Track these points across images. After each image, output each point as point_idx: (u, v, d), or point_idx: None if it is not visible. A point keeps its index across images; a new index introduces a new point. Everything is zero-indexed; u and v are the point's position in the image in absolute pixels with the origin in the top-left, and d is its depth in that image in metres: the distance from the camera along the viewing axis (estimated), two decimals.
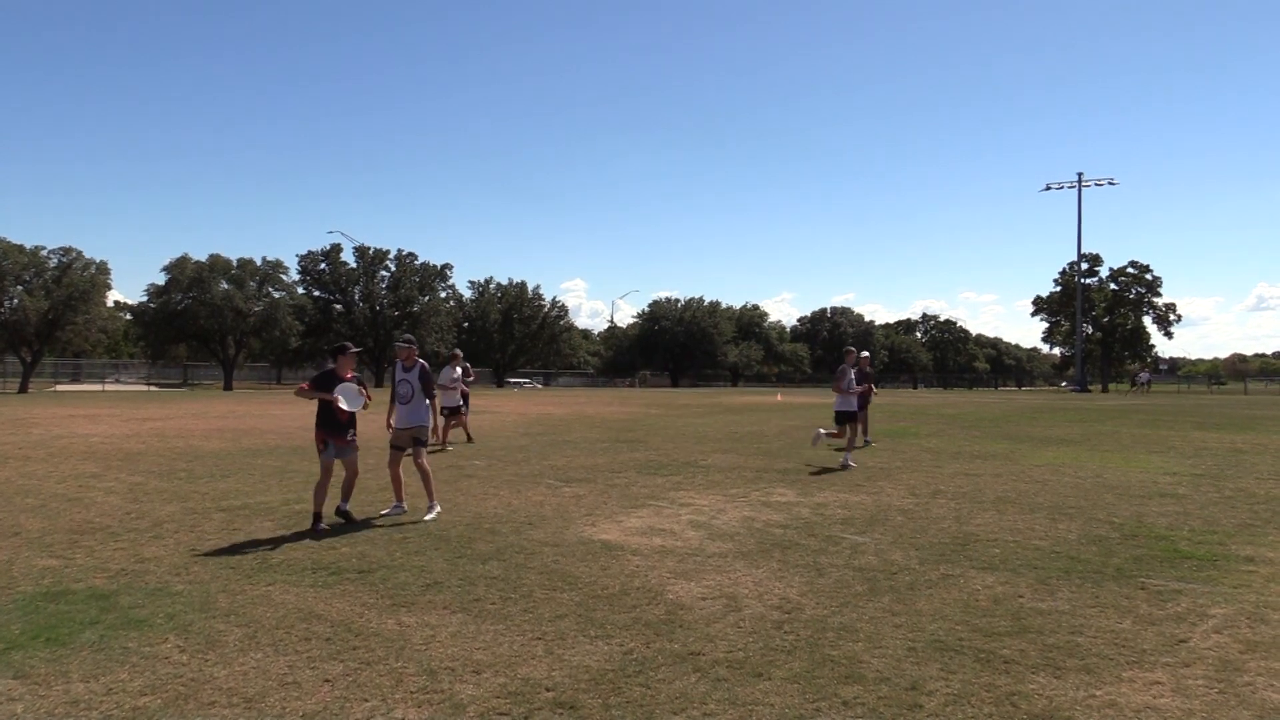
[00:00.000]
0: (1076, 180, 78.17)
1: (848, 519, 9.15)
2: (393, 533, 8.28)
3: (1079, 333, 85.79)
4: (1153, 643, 5.13)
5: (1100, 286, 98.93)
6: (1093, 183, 78.49)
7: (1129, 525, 8.83)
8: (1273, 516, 9.38)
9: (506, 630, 5.32)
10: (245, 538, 8.02)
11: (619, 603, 5.93)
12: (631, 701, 4.21)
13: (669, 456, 15.19)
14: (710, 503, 10.12)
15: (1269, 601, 6.01)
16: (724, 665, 4.71)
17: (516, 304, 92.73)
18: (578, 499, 10.36)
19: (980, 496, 10.73)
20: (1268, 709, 4.16)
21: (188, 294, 66.80)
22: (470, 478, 12.09)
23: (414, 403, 9.31)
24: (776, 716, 4.05)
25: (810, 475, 12.69)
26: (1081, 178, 78.09)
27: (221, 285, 68.18)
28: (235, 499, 10.19)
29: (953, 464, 14.31)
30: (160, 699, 4.23)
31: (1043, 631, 5.33)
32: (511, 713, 4.09)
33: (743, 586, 6.37)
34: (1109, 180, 78.93)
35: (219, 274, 68.55)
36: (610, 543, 7.86)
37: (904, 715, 4.07)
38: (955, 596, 6.13)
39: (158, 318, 67.38)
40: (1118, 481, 12.04)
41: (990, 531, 8.48)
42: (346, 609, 5.76)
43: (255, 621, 5.46)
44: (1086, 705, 4.19)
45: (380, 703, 4.21)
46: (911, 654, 4.90)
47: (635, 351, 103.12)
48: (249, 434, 19.07)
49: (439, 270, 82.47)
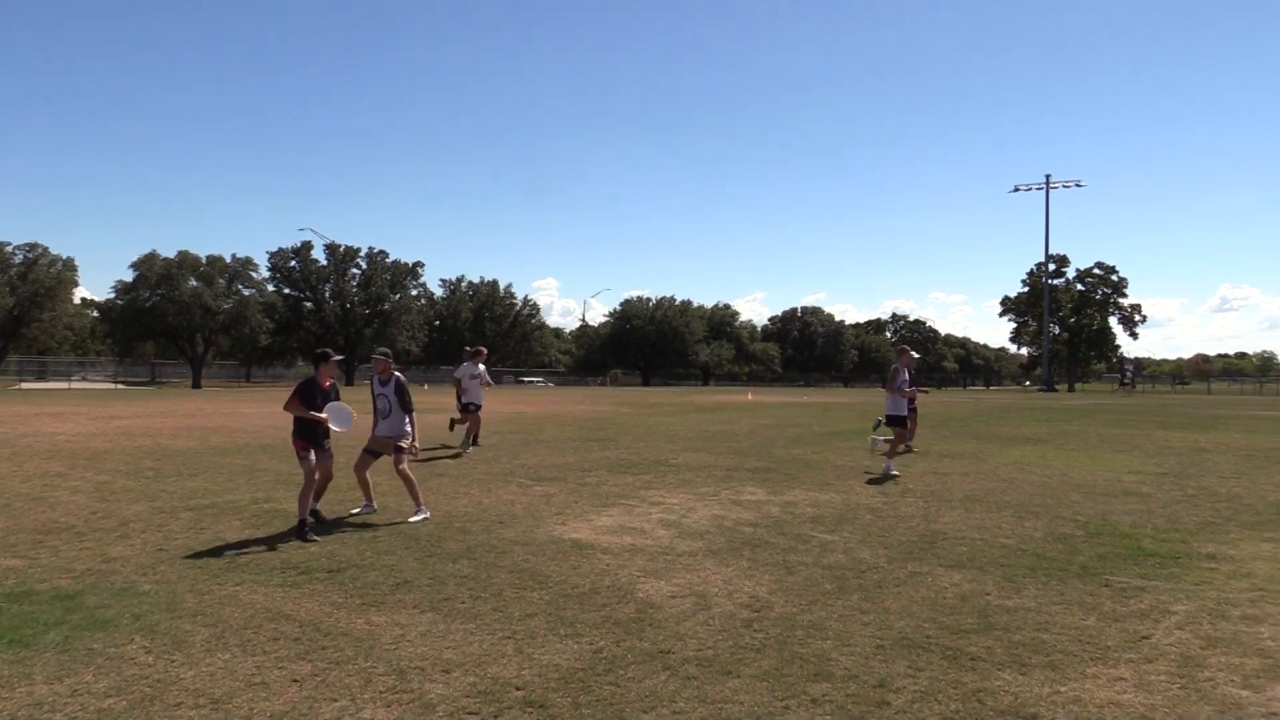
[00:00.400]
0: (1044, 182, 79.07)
1: (817, 517, 9.20)
2: (362, 532, 8.24)
3: (1046, 333, 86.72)
4: (1116, 639, 5.20)
5: (1067, 287, 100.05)
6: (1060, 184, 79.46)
7: (1094, 523, 8.94)
8: (1234, 514, 9.53)
9: (476, 629, 5.31)
10: (213, 537, 7.95)
11: (589, 601, 5.93)
12: (601, 700, 4.22)
13: (640, 455, 15.20)
14: (680, 501, 10.14)
15: (1230, 598, 6.11)
16: (694, 663, 4.73)
17: (488, 302, 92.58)
18: (548, 498, 10.35)
19: (948, 495, 10.82)
20: (1228, 704, 4.23)
21: (156, 291, 66.15)
22: (441, 476, 12.04)
23: (393, 416, 9.24)
24: (746, 714, 4.07)
25: (779, 474, 12.74)
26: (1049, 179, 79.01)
27: (190, 282, 67.61)
28: (203, 498, 10.10)
29: (921, 463, 14.41)
30: (126, 700, 4.19)
31: (1009, 629, 5.39)
32: (481, 712, 4.09)
33: (712, 585, 6.39)
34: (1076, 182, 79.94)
35: (188, 271, 67.95)
36: (581, 541, 7.86)
37: (872, 712, 4.10)
38: (923, 594, 6.18)
39: (125, 315, 66.68)
40: (1083, 480, 12.18)
41: (958, 530, 8.56)
42: (315, 609, 5.73)
43: (223, 621, 5.42)
44: (1051, 701, 4.24)
45: (349, 703, 4.19)
46: (879, 651, 4.94)
47: (607, 350, 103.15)
48: (217, 432, 18.90)
49: (410, 268, 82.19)
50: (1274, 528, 8.73)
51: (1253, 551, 7.63)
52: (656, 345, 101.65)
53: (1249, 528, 8.75)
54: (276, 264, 77.32)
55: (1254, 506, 10.05)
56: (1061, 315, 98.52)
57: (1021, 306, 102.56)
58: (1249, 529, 8.69)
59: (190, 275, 67.94)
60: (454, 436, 17.03)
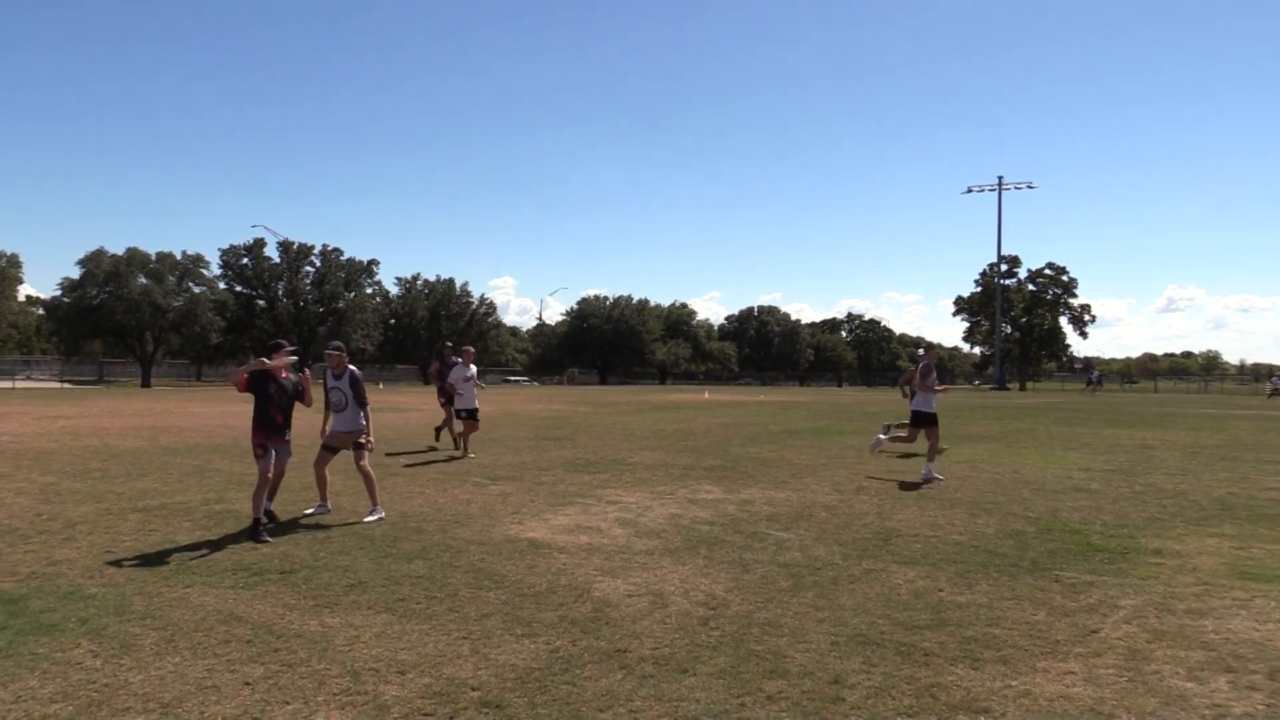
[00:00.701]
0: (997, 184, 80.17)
1: (773, 515, 9.25)
2: (316, 533, 8.15)
3: (998, 332, 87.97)
4: (1066, 633, 5.28)
5: (1019, 287, 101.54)
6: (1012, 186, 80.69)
7: (1044, 520, 9.07)
8: (1180, 510, 9.71)
9: (432, 630, 5.27)
10: (163, 539, 7.82)
11: (545, 601, 5.91)
12: (558, 699, 4.21)
13: (596, 454, 15.19)
14: (637, 500, 10.15)
15: (1175, 593, 6.23)
16: (650, 662, 4.73)
17: (444, 301, 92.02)
18: (504, 497, 10.31)
19: (902, 493, 10.93)
20: (1173, 696, 4.31)
21: (104, 288, 64.98)
22: (396, 476, 11.95)
23: (348, 410, 9.15)
24: (702, 712, 4.08)
25: (736, 473, 12.79)
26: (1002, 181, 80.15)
27: (139, 280, 66.49)
28: (152, 499, 9.93)
29: (876, 461, 14.55)
30: (72, 706, 4.11)
31: (961, 624, 5.45)
32: (436, 713, 4.06)
33: (669, 583, 6.40)
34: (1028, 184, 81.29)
35: (136, 268, 66.80)
36: (537, 541, 7.83)
37: (827, 709, 4.13)
38: (877, 591, 6.24)
39: (72, 313, 65.42)
40: (1034, 477, 12.36)
41: (911, 527, 8.65)
42: (268, 610, 5.65)
43: (173, 624, 5.33)
44: (1003, 695, 4.30)
45: (302, 705, 4.14)
46: (834, 648, 4.97)
47: (564, 349, 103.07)
48: (167, 432, 18.60)
49: (365, 266, 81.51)
50: (1218, 523, 8.92)
51: (1197, 547, 7.79)
52: (613, 344, 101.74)
53: (1194, 523, 8.93)
54: (228, 261, 76.29)
55: (1199, 503, 10.26)
56: (1013, 315, 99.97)
57: (974, 306, 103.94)
58: (1194, 525, 8.87)
59: (139, 272, 66.79)
60: (442, 445, 16.32)
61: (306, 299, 77.52)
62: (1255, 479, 12.44)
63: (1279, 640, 5.16)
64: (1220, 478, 12.56)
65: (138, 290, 64.82)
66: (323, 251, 79.22)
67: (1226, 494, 10.91)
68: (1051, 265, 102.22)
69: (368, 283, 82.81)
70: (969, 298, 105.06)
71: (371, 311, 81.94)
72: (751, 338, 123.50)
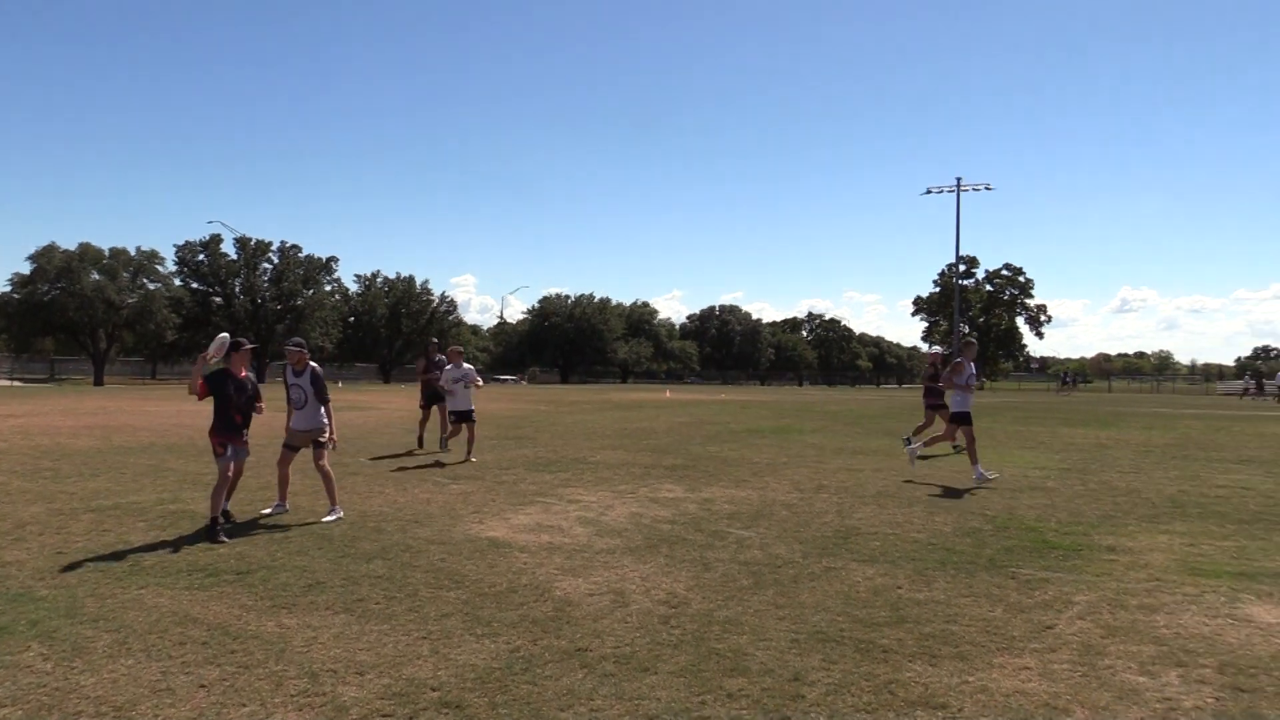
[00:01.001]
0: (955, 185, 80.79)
1: (734, 514, 9.28)
2: (274, 533, 8.06)
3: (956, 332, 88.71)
4: (1022, 629, 5.35)
5: (977, 288, 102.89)
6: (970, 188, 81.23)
7: (1001, 517, 9.18)
8: (1132, 508, 9.87)
9: (391, 630, 5.23)
10: (116, 539, 7.70)
11: (506, 600, 5.89)
12: (518, 699, 4.20)
13: (558, 453, 15.16)
14: (599, 499, 10.14)
15: (1128, 588, 6.33)
16: (611, 660, 4.73)
17: (404, 298, 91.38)
18: (465, 496, 10.26)
19: (861, 491, 11.01)
20: (1126, 690, 4.38)
21: (55, 284, 63.76)
22: (355, 475, 11.84)
23: (308, 407, 9.06)
24: (663, 710, 4.09)
25: (697, 471, 12.82)
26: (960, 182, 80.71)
27: (92, 276, 65.31)
28: (105, 499, 9.77)
29: (836, 459, 14.65)
30: (22, 710, 4.03)
31: (919, 621, 5.50)
32: (396, 714, 4.03)
33: (630, 582, 6.41)
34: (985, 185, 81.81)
35: (89, 264, 65.61)
36: (498, 540, 7.80)
37: (787, 706, 4.15)
38: (837, 588, 6.28)
39: (22, 309, 64.08)
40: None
41: (871, 525, 8.72)
42: (224, 612, 5.58)
43: (126, 627, 5.25)
44: (960, 691, 4.35)
45: (259, 707, 4.09)
46: (794, 645, 5.00)
47: (525, 347, 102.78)
48: (121, 431, 18.29)
49: (324, 263, 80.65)
50: (1169, 520, 9.08)
51: (1149, 543, 7.92)
52: (575, 342, 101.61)
53: (1146, 520, 9.08)
54: (184, 257, 75.11)
55: (1151, 500, 10.43)
56: (971, 315, 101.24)
57: (933, 306, 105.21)
58: (1146, 522, 9.01)
59: (92, 268, 65.60)
60: (426, 449, 15.55)
61: (264, 296, 76.55)
62: (1205, 477, 12.67)
63: (1228, 634, 5.27)
64: (1172, 476, 12.78)
65: (90, 286, 63.68)
66: (281, 248, 78.26)
67: (1178, 491, 11.10)
68: (1009, 266, 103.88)
69: (327, 280, 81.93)
70: (928, 298, 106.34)
71: (330, 309, 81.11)
72: (713, 337, 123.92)
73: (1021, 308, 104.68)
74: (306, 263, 79.30)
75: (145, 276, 69.56)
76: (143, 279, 69.31)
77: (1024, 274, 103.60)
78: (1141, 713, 4.12)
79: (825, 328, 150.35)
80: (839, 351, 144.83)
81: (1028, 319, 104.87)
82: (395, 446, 15.96)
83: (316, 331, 75.83)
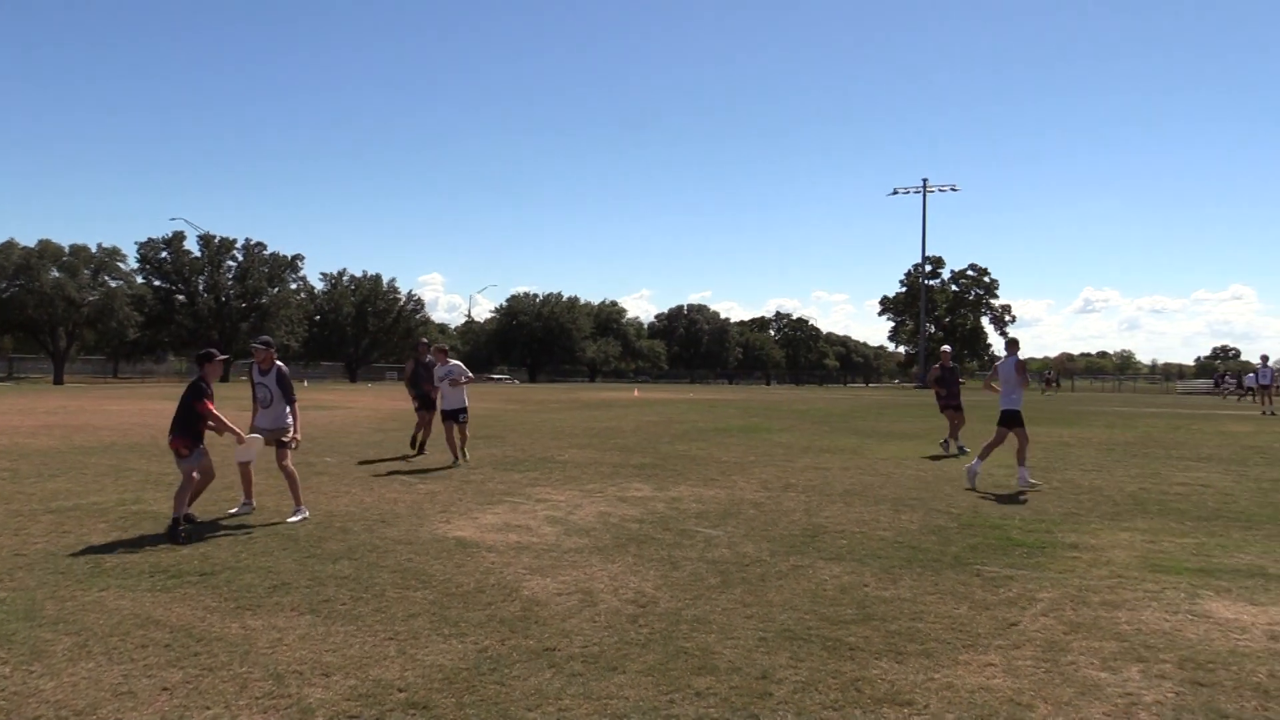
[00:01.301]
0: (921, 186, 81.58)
1: (702, 513, 9.30)
2: (238, 533, 7.98)
3: (922, 332, 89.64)
4: (986, 626, 5.40)
5: (942, 288, 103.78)
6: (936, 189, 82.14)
7: (966, 515, 9.27)
8: (1095, 506, 9.99)
9: (358, 631, 5.20)
10: (76, 540, 7.59)
11: (474, 600, 5.87)
12: (486, 700, 4.18)
13: (526, 452, 15.13)
14: (567, 498, 10.13)
15: (1090, 585, 6.41)
16: (579, 660, 4.72)
17: (371, 297, 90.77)
18: (433, 496, 10.21)
19: (829, 489, 11.08)
20: (1088, 686, 4.44)
21: (14, 282, 62.67)
22: (321, 475, 11.75)
23: (274, 406, 9.01)
24: (631, 709, 4.09)
25: (665, 470, 12.83)
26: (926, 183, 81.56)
27: (52, 273, 64.25)
28: (65, 500, 9.63)
29: (803, 458, 14.72)
30: None
31: (886, 618, 5.54)
32: (362, 715, 4.00)
33: (598, 581, 6.40)
34: (951, 186, 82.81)
35: (49, 261, 64.55)
36: (465, 540, 7.77)
37: (755, 704, 4.17)
38: (804, 587, 6.31)
39: None
40: (956, 474, 12.60)
41: (838, 523, 8.77)
42: (187, 613, 5.52)
43: (87, 629, 5.17)
44: (926, 688, 4.38)
45: (223, 710, 4.05)
46: (762, 644, 5.02)
47: (493, 346, 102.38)
48: (81, 431, 18.04)
49: (289, 261, 79.92)
50: (1131, 518, 9.20)
51: (1111, 540, 8.03)
52: (543, 342, 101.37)
53: (1108, 518, 9.20)
54: (146, 255, 74.11)
55: (1113, 498, 10.56)
56: (937, 315, 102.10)
57: (899, 306, 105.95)
58: (1108, 519, 9.13)
59: (52, 265, 64.53)
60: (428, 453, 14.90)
61: (228, 294, 75.70)
62: (1166, 474, 12.85)
63: (1188, 630, 5.35)
64: (1133, 473, 12.95)
65: (50, 284, 62.65)
66: (245, 246, 77.46)
67: (1139, 489, 11.25)
68: (974, 266, 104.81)
69: (292, 278, 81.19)
70: (894, 297, 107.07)
71: (296, 308, 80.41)
72: (681, 336, 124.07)
73: (986, 308, 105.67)
74: (271, 260, 78.56)
75: (107, 274, 68.58)
76: (104, 276, 68.33)
77: (989, 274, 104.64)
78: (1103, 708, 4.17)
79: (793, 327, 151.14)
80: (806, 351, 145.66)
81: (993, 319, 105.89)
82: (366, 445, 15.85)
83: (282, 330, 75.15)
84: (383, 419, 23.28)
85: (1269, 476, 12.69)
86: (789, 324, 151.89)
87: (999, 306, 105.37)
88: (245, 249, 77.47)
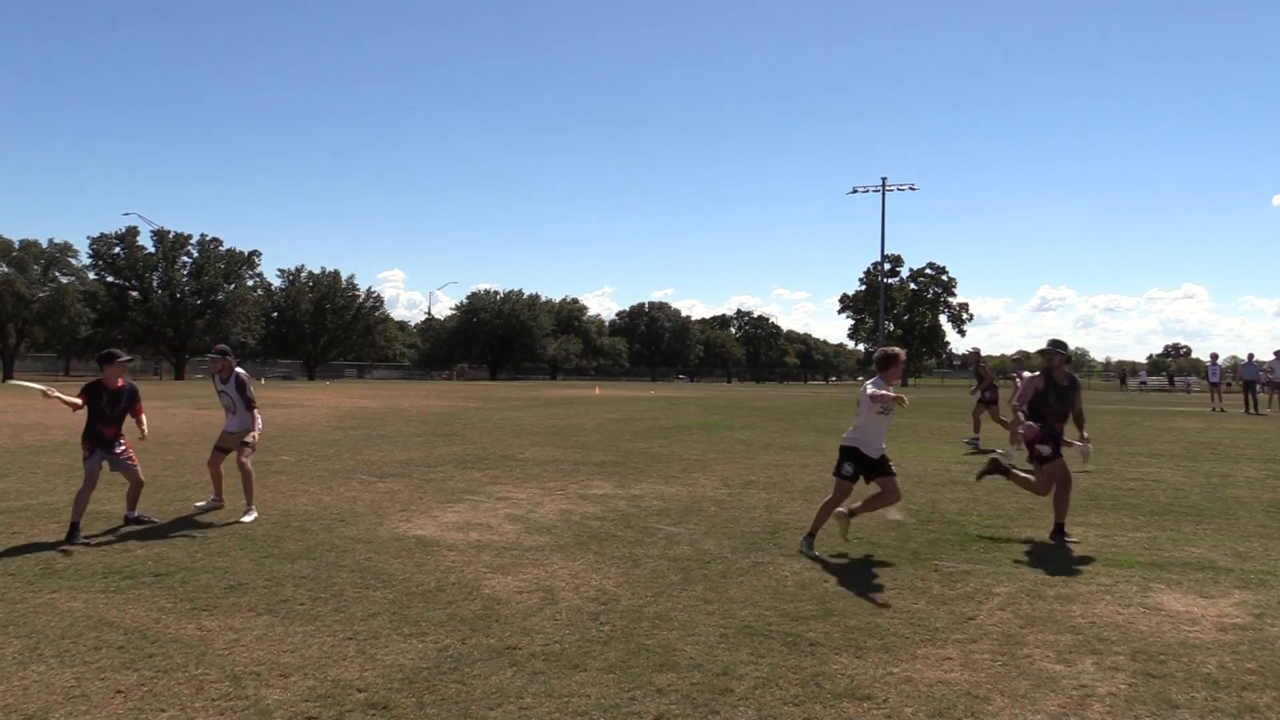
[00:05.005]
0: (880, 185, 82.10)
1: (663, 510, 9.31)
2: (193, 533, 7.87)
3: (881, 329, 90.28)
4: (944, 621, 5.46)
5: (901, 286, 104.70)
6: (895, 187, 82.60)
7: (924, 511, 9.36)
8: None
9: (316, 631, 5.15)
10: (26, 541, 7.46)
11: (434, 599, 5.84)
12: (447, 699, 4.16)
13: (486, 450, 15.07)
14: (528, 496, 10.10)
15: (1046, 580, 6.51)
16: (541, 658, 4.72)
17: (329, 294, 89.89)
18: (392, 494, 10.14)
19: (789, 486, 11.13)
20: (1044, 678, 4.50)
21: None
22: (279, 474, 11.62)
23: (240, 413, 9.01)
24: (593, 707, 4.09)
25: (627, 468, 12.83)
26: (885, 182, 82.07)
27: (1, 268, 63.00)
28: (15, 500, 9.45)
29: (764, 455, 14.79)
30: None
31: (845, 614, 5.58)
32: (321, 716, 3.97)
33: (559, 579, 6.39)
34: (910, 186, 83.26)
35: None
36: (425, 538, 7.73)
37: (716, 700, 4.18)
38: (765, 583, 6.34)
39: None
40: (914, 470, 12.72)
41: (799, 520, 8.81)
42: (141, 615, 5.44)
43: (38, 632, 5.08)
44: (885, 682, 4.42)
45: (179, 712, 3.99)
46: (723, 640, 5.04)
47: (453, 344, 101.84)
48: (32, 429, 17.70)
49: (246, 257, 78.99)
50: (1085, 513, 9.33)
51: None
52: (504, 339, 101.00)
53: None
54: (99, 250, 72.84)
55: None
56: (896, 313, 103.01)
57: (859, 304, 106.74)
58: None
59: (1, 260, 63.34)
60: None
61: (183, 291, 74.58)
62: (1119, 470, 13.06)
63: (1140, 623, 5.44)
64: (1087, 470, 13.14)
65: None
66: (201, 241, 76.39)
67: (1093, 485, 11.41)
68: (932, 265, 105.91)
69: (249, 274, 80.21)
70: (854, 296, 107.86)
71: (253, 304, 79.47)
72: (642, 334, 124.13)
73: (945, 306, 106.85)
74: (228, 256, 77.59)
75: (58, 269, 67.33)
76: (55, 272, 67.08)
77: (947, 273, 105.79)
78: (1058, 700, 4.23)
79: (754, 325, 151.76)
80: (767, 348, 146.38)
81: (950, 317, 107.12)
82: (325, 444, 15.70)
83: (239, 327, 74.28)
84: (342, 417, 23.07)
85: (1218, 472, 12.94)
86: (750, 322, 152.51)
87: (957, 305, 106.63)
88: (201, 245, 76.44)
